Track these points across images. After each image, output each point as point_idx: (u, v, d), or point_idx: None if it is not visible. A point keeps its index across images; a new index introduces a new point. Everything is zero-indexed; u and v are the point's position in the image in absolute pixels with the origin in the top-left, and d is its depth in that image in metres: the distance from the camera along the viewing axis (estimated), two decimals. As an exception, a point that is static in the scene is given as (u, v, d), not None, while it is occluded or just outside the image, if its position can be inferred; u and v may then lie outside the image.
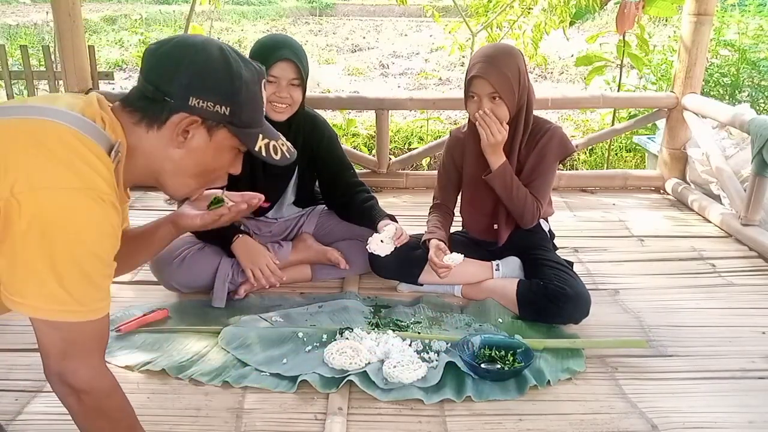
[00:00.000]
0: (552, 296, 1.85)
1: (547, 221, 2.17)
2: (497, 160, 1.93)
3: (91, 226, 0.95)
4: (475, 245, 2.13)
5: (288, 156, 1.20)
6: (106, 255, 1.00)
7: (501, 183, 1.94)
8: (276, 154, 1.17)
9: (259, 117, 1.15)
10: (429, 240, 1.99)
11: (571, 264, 2.03)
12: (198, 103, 1.06)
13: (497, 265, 2.05)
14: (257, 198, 1.45)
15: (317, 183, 2.26)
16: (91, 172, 0.96)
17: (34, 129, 0.98)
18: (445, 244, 1.99)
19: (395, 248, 1.93)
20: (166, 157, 1.10)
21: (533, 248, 2.05)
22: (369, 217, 2.07)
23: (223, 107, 1.07)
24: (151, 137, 1.08)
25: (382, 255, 1.93)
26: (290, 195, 2.22)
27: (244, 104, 1.10)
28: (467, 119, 2.04)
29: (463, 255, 1.93)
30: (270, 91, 1.92)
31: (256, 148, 1.14)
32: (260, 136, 1.15)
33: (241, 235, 2.01)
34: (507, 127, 1.90)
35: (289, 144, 1.22)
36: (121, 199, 1.11)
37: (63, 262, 0.93)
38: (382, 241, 1.93)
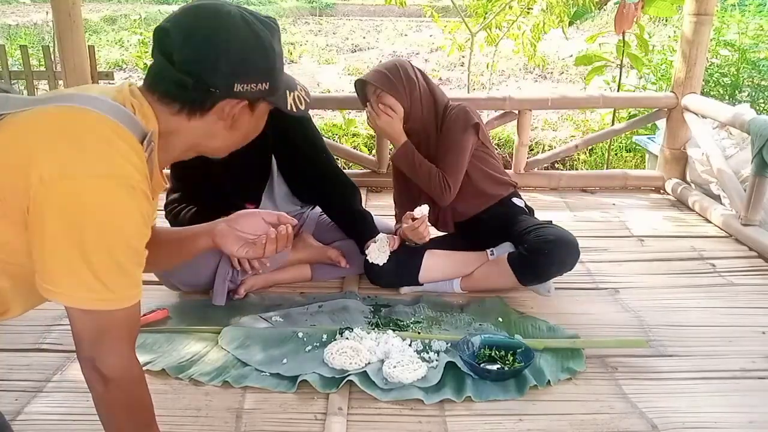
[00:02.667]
0: (538, 249, 1.89)
1: (521, 197, 2.22)
2: (398, 141, 2.07)
3: (122, 214, 0.95)
4: (462, 239, 2.15)
5: (308, 99, 1.23)
6: (137, 243, 1.00)
7: (405, 162, 2.07)
8: (301, 104, 1.20)
9: (285, 75, 1.17)
10: (398, 229, 2.11)
11: (550, 222, 2.06)
12: (243, 87, 1.06)
13: (491, 251, 2.09)
14: (293, 223, 1.37)
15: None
16: (122, 160, 0.95)
17: (63, 116, 0.97)
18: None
19: (391, 253, 2.00)
20: (212, 135, 1.11)
21: (512, 223, 2.08)
22: (355, 231, 2.12)
23: (263, 84, 1.08)
24: (194, 124, 1.08)
25: (381, 264, 2.00)
26: (278, 186, 2.15)
27: (278, 72, 1.12)
28: None
29: (427, 205, 2.00)
30: None
31: (288, 108, 1.17)
32: (287, 93, 1.17)
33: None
34: (399, 113, 2.03)
35: (304, 87, 1.24)
36: (157, 185, 1.09)
37: (94, 251, 0.93)
38: (378, 250, 1.98)
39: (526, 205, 2.20)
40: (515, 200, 2.18)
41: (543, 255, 1.90)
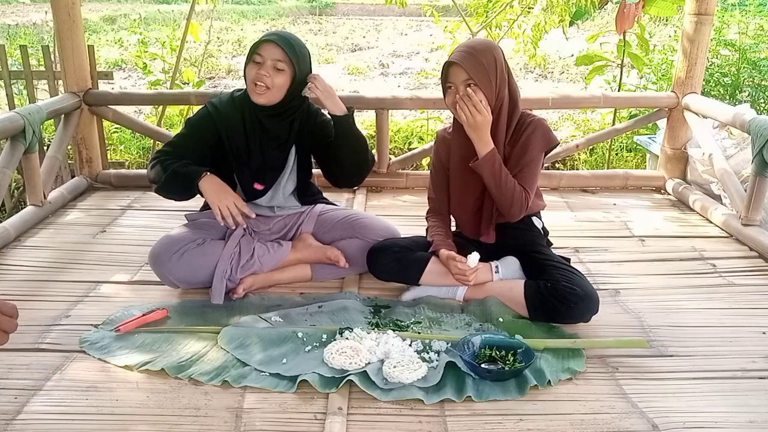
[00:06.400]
0: (562, 297, 1.84)
1: (540, 218, 2.14)
2: (484, 147, 1.88)
3: None
4: (470, 245, 2.09)
5: None
6: None
7: (489, 170, 1.88)
8: None
9: None
10: (438, 251, 1.98)
11: (568, 260, 2.03)
12: None
13: (496, 267, 2.03)
14: None
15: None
16: None
17: None
18: (455, 251, 1.99)
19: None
20: None
21: (529, 247, 2.05)
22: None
23: None
24: None
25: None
26: (288, 182, 2.19)
27: None
28: (452, 119, 2.03)
29: (477, 253, 1.93)
30: (254, 71, 1.96)
31: None
32: None
33: (207, 173, 1.98)
34: (489, 110, 1.85)
35: None
36: None
37: None
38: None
39: (543, 227, 2.14)
40: (534, 219, 2.11)
41: (566, 306, 1.85)
